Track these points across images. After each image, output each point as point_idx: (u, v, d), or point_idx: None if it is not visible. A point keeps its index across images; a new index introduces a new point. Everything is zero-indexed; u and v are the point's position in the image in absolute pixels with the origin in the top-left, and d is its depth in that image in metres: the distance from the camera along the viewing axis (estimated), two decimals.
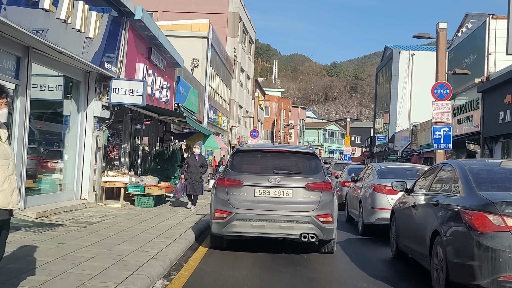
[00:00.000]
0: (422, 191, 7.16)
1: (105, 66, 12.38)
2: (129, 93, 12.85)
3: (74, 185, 12.50)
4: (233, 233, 7.93)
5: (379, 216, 10.48)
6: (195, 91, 24.44)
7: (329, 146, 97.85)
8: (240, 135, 46.03)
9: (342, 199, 17.12)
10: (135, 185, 13.49)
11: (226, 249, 8.37)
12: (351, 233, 11.49)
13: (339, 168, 25.40)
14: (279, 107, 73.40)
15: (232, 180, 8.03)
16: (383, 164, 12.32)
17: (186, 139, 19.50)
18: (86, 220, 10.14)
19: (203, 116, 29.21)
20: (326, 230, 7.95)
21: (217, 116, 34.32)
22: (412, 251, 7.12)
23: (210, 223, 8.30)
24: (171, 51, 17.92)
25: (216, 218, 7.99)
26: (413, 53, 44.05)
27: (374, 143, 52.93)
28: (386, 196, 10.49)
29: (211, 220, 8.21)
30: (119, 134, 15.48)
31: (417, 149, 34.43)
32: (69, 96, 12.62)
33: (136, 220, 10.70)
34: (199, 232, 10.10)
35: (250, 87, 53.71)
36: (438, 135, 16.36)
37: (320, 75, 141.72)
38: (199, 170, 13.58)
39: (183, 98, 21.54)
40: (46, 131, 12.55)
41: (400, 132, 41.27)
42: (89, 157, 12.70)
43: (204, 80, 29.67)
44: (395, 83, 44.29)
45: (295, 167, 8.33)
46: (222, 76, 37.08)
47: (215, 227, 8.04)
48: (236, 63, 43.87)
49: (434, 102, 16.54)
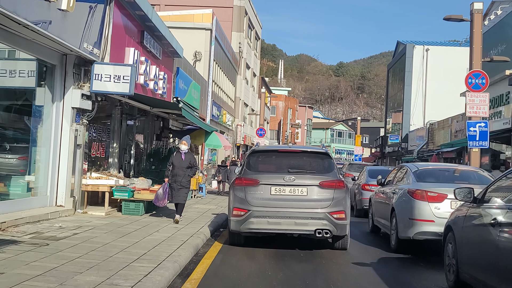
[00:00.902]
0: (504, 204, 5.06)
1: (86, 47, 10.35)
2: (114, 80, 10.82)
3: (48, 189, 10.47)
4: (250, 230, 8.29)
5: (420, 230, 8.39)
6: (196, 85, 22.40)
7: (337, 147, 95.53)
8: (245, 134, 43.95)
9: (362, 204, 15.03)
10: (122, 188, 11.44)
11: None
12: (382, 249, 9.39)
13: (354, 169, 23.19)
14: (285, 106, 71.25)
15: (249, 179, 8.38)
16: (421, 165, 10.20)
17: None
18: (53, 234, 8.10)
19: (206, 113, 27.15)
20: (340, 226, 8.26)
21: (221, 113, 32.28)
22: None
23: (228, 221, 8.62)
24: (168, 37, 15.89)
25: (234, 216, 8.32)
26: (427, 48, 41.82)
27: (386, 143, 50.68)
28: (429, 204, 8.39)
29: (229, 217, 8.54)
30: (107, 130, 13.43)
31: (435, 148, 32.24)
32: (43, 83, 10.60)
33: (117, 233, 8.65)
34: (195, 250, 8.05)
35: (256, 85, 51.62)
36: (473, 132, 14.23)
37: (326, 75, 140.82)
38: (187, 172, 10.93)
39: (183, 92, 19.50)
40: (14, 125, 10.53)
41: (415, 131, 39.04)
42: (66, 155, 10.66)
43: (207, 75, 27.63)
44: (409, 79, 42.04)
45: (309, 166, 8.70)
46: (227, 72, 35.03)
47: (233, 224, 8.36)
48: (241, 59, 41.82)
49: (468, 93, 14.40)
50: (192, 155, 11.32)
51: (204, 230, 9.80)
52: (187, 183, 10.93)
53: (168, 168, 11.00)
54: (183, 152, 10.96)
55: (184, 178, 10.83)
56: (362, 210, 15.07)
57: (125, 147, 15.33)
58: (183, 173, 10.82)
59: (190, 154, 11.19)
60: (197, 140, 18.15)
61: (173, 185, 10.75)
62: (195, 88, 21.89)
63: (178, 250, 7.47)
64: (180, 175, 10.79)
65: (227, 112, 34.90)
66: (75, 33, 9.88)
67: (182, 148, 11.03)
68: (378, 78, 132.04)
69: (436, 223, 8.27)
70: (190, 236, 8.95)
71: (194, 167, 11.05)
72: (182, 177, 10.80)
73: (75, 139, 10.74)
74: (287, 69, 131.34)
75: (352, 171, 23.05)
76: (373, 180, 14.98)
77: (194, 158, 11.26)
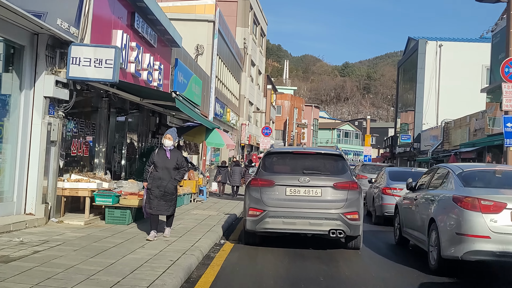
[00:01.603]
0: None
1: (60, 25, 8.64)
2: (95, 65, 9.12)
3: (14, 194, 8.76)
4: (266, 230, 8.38)
5: (472, 248, 6.62)
6: (198, 79, 20.71)
7: (344, 147, 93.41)
8: (250, 134, 42.19)
9: (383, 210, 13.27)
10: (105, 193, 9.71)
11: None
12: (417, 268, 7.61)
13: (368, 170, 21.39)
14: (291, 106, 69.41)
15: (265, 180, 8.49)
16: (465, 165, 8.40)
17: (183, 134, 15.69)
18: (7, 253, 6.38)
19: (208, 111, 25.44)
20: (353, 227, 8.34)
21: (225, 111, 30.53)
22: None
23: (244, 221, 8.73)
24: (164, 22, 14.18)
25: (250, 216, 8.42)
26: (441, 44, 39.89)
27: (396, 143, 48.84)
28: (482, 215, 6.62)
29: (245, 217, 8.65)
30: (91, 126, 11.72)
31: (452, 148, 30.42)
32: (10, 68, 8.89)
33: (90, 251, 6.92)
34: (187, 273, 6.32)
35: (261, 83, 49.83)
36: (510, 128, 12.44)
37: (332, 75, 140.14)
38: (173, 175, 8.55)
39: (182, 86, 17.80)
40: None
41: (428, 131, 37.16)
42: (37, 154, 8.95)
43: (210, 70, 25.89)
44: (421, 77, 40.11)
45: (323, 167, 8.79)
46: (231, 68, 33.28)
47: (249, 224, 8.45)
48: (246, 55, 40.06)
49: (505, 84, 12.61)
50: (180, 153, 9.12)
51: (201, 245, 8.07)
52: (174, 189, 8.68)
53: (147, 169, 8.74)
54: (167, 149, 8.63)
55: (170, 182, 8.56)
56: (383, 217, 13.30)
57: (115, 146, 13.62)
58: (169, 176, 8.55)
59: (177, 152, 8.95)
60: (197, 138, 16.39)
61: (154, 191, 8.49)
62: (196, 83, 20.19)
63: (163, 276, 5.73)
64: (165, 178, 8.51)
65: (231, 110, 33.14)
66: (48, 8, 8.18)
67: (166, 144, 8.64)
68: (385, 78, 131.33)
69: (492, 239, 6.54)
70: (182, 253, 7.21)
71: (182, 168, 8.81)
72: (167, 182, 8.49)
73: (48, 135, 9.03)
74: (292, 69, 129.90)
75: (366, 172, 21.26)
76: (395, 183, 13.24)
77: (183, 157, 9.12)
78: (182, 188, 14.01)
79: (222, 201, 17.73)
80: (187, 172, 11.58)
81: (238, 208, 14.89)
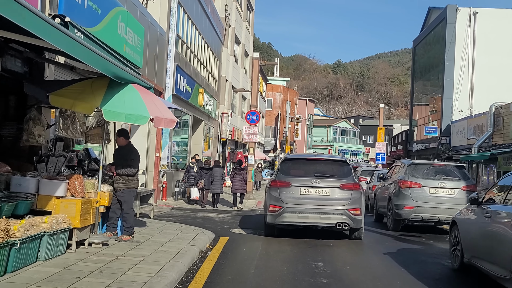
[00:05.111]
0: None
1: None
2: None
3: None
4: (283, 223, 10.28)
5: None
6: (134, 21, 12.07)
7: (340, 146, 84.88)
8: (234, 126, 33.41)
9: None
10: None
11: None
12: None
13: (424, 174, 12.70)
14: (283, 99, 60.70)
15: (283, 182, 10.35)
16: None
17: (51, 93, 6.72)
18: None
19: (163, 83, 16.69)
20: (356, 220, 10.15)
21: (195, 91, 21.69)
22: None
23: (265, 215, 10.58)
24: None
25: (271, 211, 10.24)
26: (475, 11, 31.47)
27: (411, 139, 40.34)
28: None
29: (266, 213, 10.47)
30: None
31: (507, 142, 21.97)
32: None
33: None
34: None
35: (248, 67, 40.83)
36: None
37: (324, 73, 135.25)
38: None
39: (91, 16, 9.19)
40: None
41: (465, 121, 28.63)
42: None
43: (167, 23, 17.16)
44: (451, 53, 31.51)
45: (331, 171, 10.59)
46: (205, 34, 24.47)
47: (270, 218, 10.28)
48: (228, 27, 31.29)
49: None
50: None
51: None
52: None
53: None
54: None
55: None
56: None
57: None
58: None
59: None
60: (82, 102, 7.33)
61: None
62: (129, 25, 11.50)
63: None
64: None
65: (206, 91, 24.29)
66: None
67: None
68: (379, 75, 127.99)
69: None
70: None
71: None
72: None
73: None
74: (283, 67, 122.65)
75: (418, 177, 12.55)
76: None
77: None
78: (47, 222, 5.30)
79: (172, 227, 8.97)
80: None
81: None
